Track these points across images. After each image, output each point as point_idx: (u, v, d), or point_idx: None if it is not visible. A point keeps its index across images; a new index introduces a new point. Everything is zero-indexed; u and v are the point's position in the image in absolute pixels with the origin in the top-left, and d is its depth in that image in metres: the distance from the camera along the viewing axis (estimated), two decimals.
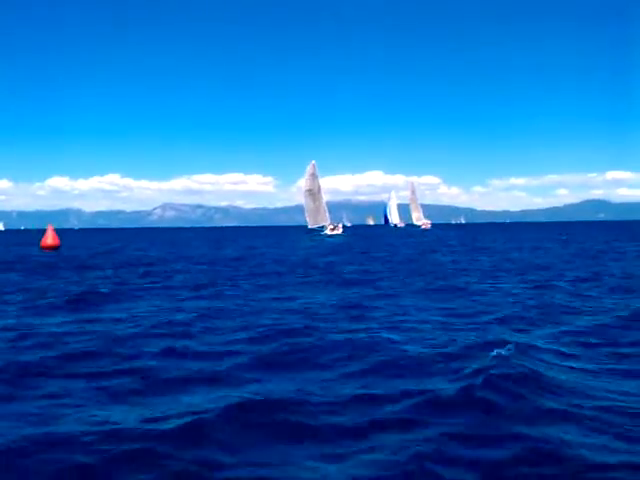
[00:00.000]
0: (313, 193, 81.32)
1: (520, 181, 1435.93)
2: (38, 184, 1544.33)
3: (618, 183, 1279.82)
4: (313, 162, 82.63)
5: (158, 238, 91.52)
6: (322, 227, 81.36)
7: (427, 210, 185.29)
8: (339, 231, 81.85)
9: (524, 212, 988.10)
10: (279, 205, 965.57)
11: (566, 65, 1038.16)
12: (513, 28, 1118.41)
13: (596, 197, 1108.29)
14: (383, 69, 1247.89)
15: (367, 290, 16.02)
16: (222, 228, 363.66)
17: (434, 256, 32.65)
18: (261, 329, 9.83)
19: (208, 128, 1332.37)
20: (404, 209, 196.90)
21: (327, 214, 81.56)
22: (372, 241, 62.11)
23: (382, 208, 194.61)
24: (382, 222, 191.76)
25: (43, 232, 46.30)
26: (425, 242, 56.91)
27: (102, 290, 15.98)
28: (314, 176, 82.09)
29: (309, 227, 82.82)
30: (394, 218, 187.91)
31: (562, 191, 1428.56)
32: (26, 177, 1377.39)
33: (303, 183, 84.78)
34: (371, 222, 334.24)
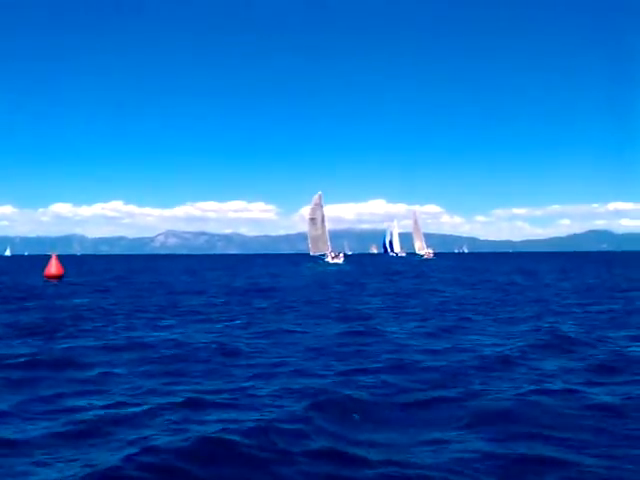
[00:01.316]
0: (316, 222, 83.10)
1: (522, 211, 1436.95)
2: (41, 210, 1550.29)
3: (620, 214, 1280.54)
4: (319, 193, 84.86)
5: (171, 266, 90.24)
6: (323, 255, 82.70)
7: (429, 239, 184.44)
8: (340, 260, 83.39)
9: (526, 242, 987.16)
10: (281, 232, 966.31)
11: (569, 96, 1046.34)
12: (516, 58, 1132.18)
13: (599, 227, 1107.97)
14: (385, 99, 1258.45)
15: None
16: (227, 255, 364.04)
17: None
18: None
19: (211, 156, 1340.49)
20: (406, 238, 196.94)
21: (329, 243, 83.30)
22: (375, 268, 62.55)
23: (384, 237, 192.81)
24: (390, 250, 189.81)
25: (48, 258, 46.01)
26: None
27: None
28: (319, 206, 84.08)
29: (311, 254, 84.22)
30: (396, 247, 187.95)
31: (565, 221, 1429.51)
32: (30, 203, 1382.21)
33: (307, 211, 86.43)
34: (374, 250, 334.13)
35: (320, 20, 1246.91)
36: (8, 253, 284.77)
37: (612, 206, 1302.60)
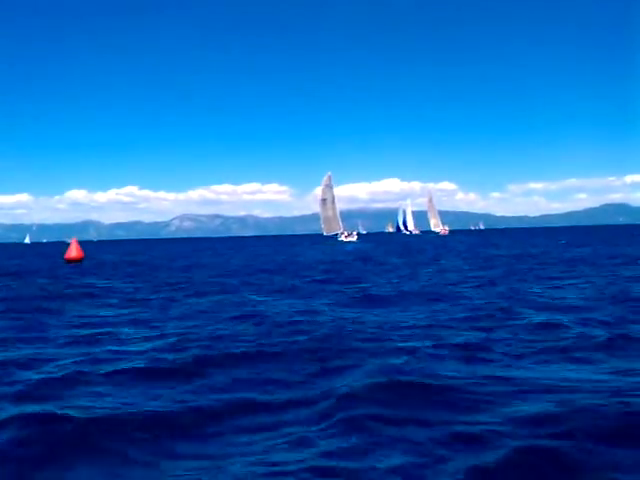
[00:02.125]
0: (327, 202, 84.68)
1: (538, 186, 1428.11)
2: (57, 197, 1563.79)
3: (637, 187, 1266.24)
4: (329, 173, 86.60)
5: (202, 248, 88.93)
6: (336, 234, 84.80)
7: (444, 217, 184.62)
8: (354, 238, 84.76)
9: (543, 217, 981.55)
10: (296, 214, 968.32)
11: (584, 68, 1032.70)
12: (530, 32, 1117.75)
13: (616, 201, 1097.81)
14: (398, 78, 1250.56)
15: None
16: (242, 238, 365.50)
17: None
18: None
19: (224, 139, 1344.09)
20: (420, 216, 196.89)
21: (340, 222, 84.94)
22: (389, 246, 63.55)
23: (403, 215, 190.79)
24: (402, 229, 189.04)
25: (66, 245, 47.40)
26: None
27: None
28: (329, 187, 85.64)
29: (324, 234, 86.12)
30: (409, 225, 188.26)
31: (581, 195, 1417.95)
32: (45, 191, 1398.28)
33: (319, 192, 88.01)
34: (390, 229, 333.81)
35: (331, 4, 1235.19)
36: (28, 240, 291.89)
37: (629, 179, 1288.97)
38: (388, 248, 61.65)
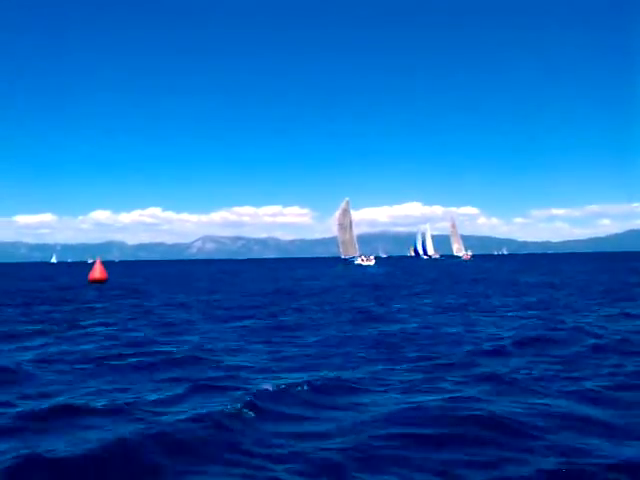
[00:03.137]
0: (344, 227, 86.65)
1: (561, 211, 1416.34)
2: (81, 217, 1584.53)
3: None
4: (347, 199, 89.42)
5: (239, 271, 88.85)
6: (353, 258, 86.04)
7: (466, 241, 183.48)
8: (371, 262, 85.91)
9: (566, 243, 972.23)
10: (317, 236, 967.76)
11: (606, 94, 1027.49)
12: (552, 58, 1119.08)
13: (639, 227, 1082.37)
14: (420, 102, 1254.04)
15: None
16: (263, 260, 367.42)
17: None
18: None
19: (246, 161, 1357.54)
20: (442, 240, 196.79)
21: (357, 246, 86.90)
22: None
23: (422, 239, 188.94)
24: (420, 253, 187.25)
25: (89, 265, 48.66)
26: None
27: None
28: (346, 211, 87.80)
29: (342, 257, 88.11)
30: (429, 249, 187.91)
31: (605, 221, 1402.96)
32: (69, 211, 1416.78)
33: (336, 217, 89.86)
34: (412, 253, 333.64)
35: (349, 23, 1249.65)
36: (54, 260, 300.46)
37: None
38: (404, 274, 62.46)
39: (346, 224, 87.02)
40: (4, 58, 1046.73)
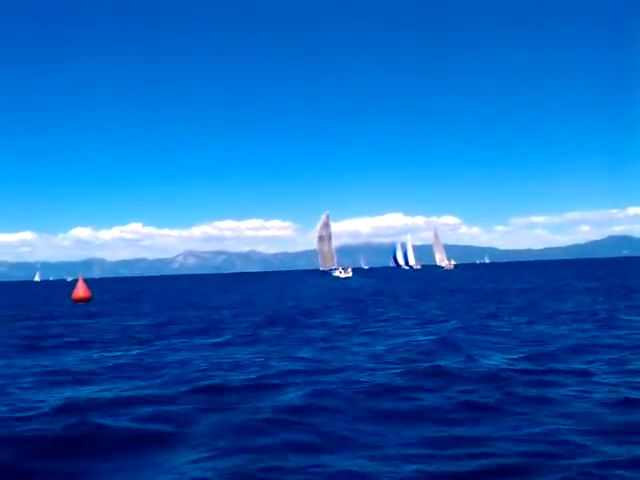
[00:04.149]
0: (324, 239, 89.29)
1: (541, 219, 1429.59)
2: (61, 235, 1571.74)
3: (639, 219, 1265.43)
4: (327, 212, 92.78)
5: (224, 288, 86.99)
6: (331, 270, 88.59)
7: (449, 250, 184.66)
8: (348, 274, 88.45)
9: (547, 250, 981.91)
10: (299, 249, 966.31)
11: (585, 101, 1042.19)
12: (532, 64, 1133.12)
13: (619, 233, 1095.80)
14: (398, 112, 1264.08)
15: None
16: (246, 274, 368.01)
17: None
18: None
19: (227, 175, 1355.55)
20: (424, 250, 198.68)
21: (335, 259, 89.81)
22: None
23: (403, 250, 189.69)
24: (400, 263, 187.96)
25: (70, 283, 49.04)
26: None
27: None
28: (326, 224, 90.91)
29: (321, 269, 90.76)
30: (410, 260, 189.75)
31: (584, 228, 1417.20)
32: (50, 229, 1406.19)
33: (316, 230, 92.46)
34: (394, 263, 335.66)
35: (328, 30, 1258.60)
36: (37, 278, 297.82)
37: (632, 211, 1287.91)
38: (384, 286, 63.94)
39: (325, 237, 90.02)
40: None
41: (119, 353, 15.18)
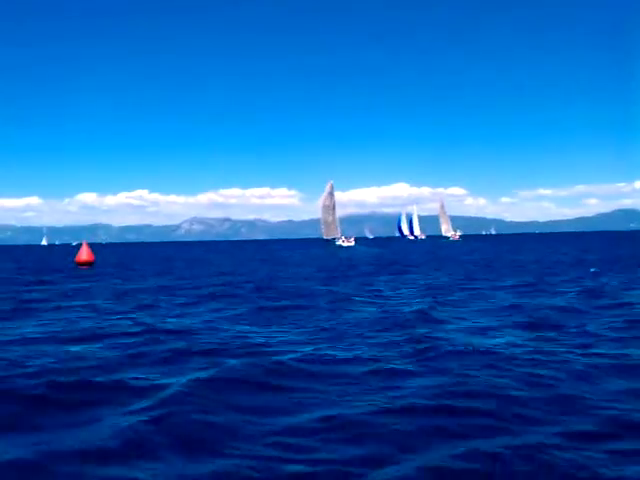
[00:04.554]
0: (328, 209, 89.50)
1: (548, 192, 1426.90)
2: (67, 200, 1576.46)
3: None
4: (331, 182, 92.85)
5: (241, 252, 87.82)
6: (334, 238, 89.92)
7: (454, 221, 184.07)
8: (351, 243, 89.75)
9: (553, 222, 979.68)
10: (304, 218, 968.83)
11: (593, 74, 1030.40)
12: (537, 38, 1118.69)
13: (627, 206, 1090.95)
14: (406, 83, 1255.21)
15: None
16: (252, 241, 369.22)
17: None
18: None
19: (234, 143, 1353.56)
20: (430, 220, 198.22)
21: (338, 228, 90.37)
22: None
23: (409, 220, 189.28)
24: (405, 233, 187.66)
25: (79, 247, 49.00)
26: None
27: None
28: (331, 194, 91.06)
29: (324, 238, 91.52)
30: (416, 230, 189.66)
31: (592, 201, 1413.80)
32: (55, 194, 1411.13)
33: (321, 199, 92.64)
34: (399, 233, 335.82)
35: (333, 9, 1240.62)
36: (45, 242, 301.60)
37: (638, 184, 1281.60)
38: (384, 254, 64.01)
39: (330, 206, 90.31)
40: None
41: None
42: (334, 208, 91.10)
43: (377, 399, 6.88)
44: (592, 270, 28.11)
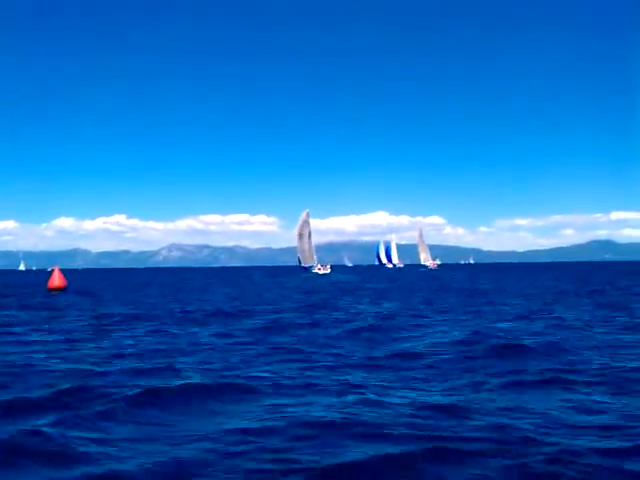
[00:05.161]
0: (304, 237, 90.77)
1: (525, 221, 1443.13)
2: (44, 225, 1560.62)
3: (622, 223, 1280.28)
4: (307, 211, 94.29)
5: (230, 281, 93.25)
6: (311, 266, 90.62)
7: (433, 250, 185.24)
8: (327, 271, 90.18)
9: (529, 252, 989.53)
10: (283, 245, 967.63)
11: (570, 105, 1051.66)
12: (518, 69, 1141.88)
13: (602, 237, 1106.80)
14: (386, 111, 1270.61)
15: None
16: (230, 268, 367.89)
17: None
18: None
19: (213, 169, 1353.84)
20: (409, 249, 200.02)
21: (314, 256, 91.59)
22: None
23: (387, 248, 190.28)
24: (384, 262, 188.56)
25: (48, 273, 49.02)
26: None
27: None
28: (306, 222, 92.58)
29: (301, 266, 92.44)
30: (394, 258, 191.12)
31: (568, 231, 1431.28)
32: (33, 218, 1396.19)
33: (296, 228, 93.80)
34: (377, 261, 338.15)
35: (316, 26, 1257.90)
36: (22, 267, 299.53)
37: (615, 216, 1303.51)
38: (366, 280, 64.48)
39: (305, 234, 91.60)
40: None
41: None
42: (310, 236, 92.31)
43: None
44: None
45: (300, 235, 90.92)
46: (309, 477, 5.59)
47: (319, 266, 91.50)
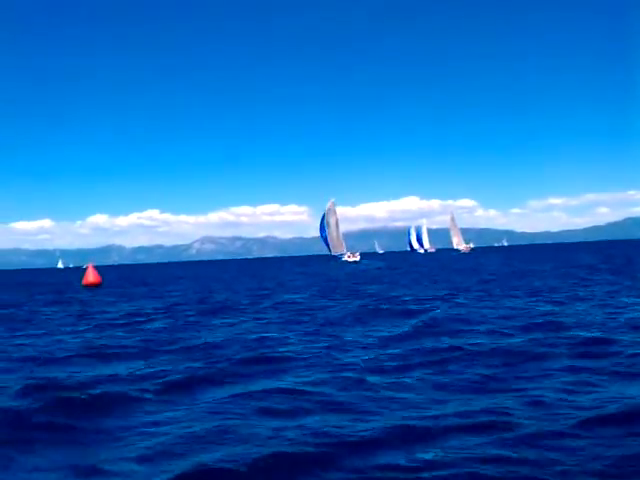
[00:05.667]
0: (330, 226, 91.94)
1: (558, 201, 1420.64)
2: (79, 222, 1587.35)
3: None
4: (332, 200, 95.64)
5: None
6: (341, 254, 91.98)
7: (465, 234, 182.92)
8: (357, 258, 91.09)
9: (564, 232, 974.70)
10: (314, 234, 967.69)
11: (600, 82, 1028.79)
12: (554, 47, 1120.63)
13: (637, 214, 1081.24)
14: (416, 95, 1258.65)
15: None
16: (265, 259, 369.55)
17: None
18: None
19: (243, 161, 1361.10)
20: (441, 233, 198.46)
21: (343, 244, 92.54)
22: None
23: (418, 233, 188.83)
24: (415, 247, 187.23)
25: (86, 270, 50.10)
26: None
27: None
28: (332, 211, 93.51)
29: (331, 254, 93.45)
30: (425, 243, 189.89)
31: (602, 209, 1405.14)
32: (68, 216, 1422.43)
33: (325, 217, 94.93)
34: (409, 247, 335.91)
35: (344, 21, 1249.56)
36: (61, 265, 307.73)
37: None
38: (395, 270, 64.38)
39: (332, 223, 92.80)
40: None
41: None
42: (337, 225, 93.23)
43: None
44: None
45: (326, 224, 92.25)
46: None
47: (348, 254, 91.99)
